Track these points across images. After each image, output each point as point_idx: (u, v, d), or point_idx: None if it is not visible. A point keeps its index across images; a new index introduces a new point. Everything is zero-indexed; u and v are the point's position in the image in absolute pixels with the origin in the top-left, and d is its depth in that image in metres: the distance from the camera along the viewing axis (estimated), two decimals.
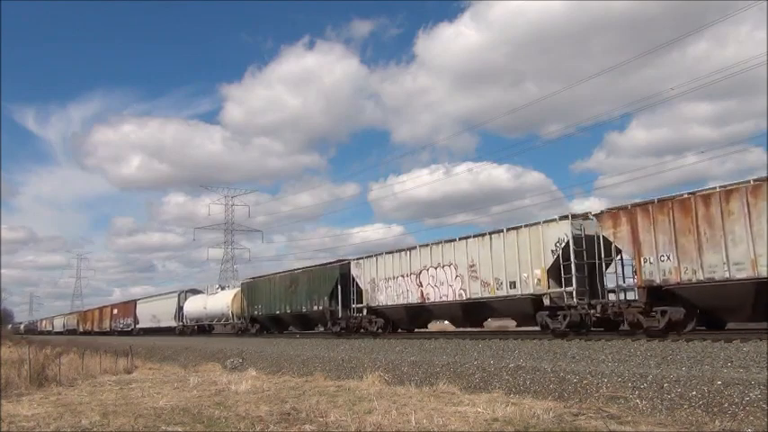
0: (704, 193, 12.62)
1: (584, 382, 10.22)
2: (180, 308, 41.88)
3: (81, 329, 69.46)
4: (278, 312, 28.92)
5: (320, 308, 25.41)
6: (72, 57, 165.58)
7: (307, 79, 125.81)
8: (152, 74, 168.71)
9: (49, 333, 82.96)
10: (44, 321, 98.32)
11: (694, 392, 8.66)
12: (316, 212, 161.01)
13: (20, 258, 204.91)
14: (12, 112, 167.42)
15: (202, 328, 40.41)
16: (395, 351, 16.55)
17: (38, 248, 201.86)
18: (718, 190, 12.39)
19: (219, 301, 36.42)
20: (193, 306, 40.03)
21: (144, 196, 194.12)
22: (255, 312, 31.36)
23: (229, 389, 12.58)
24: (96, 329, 62.49)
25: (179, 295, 42.65)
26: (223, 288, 41.86)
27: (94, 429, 8.61)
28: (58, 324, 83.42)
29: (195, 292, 42.82)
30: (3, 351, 24.92)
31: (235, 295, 34.81)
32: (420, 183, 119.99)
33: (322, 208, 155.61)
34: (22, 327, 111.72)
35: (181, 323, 41.69)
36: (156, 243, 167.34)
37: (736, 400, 8.16)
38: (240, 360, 20.53)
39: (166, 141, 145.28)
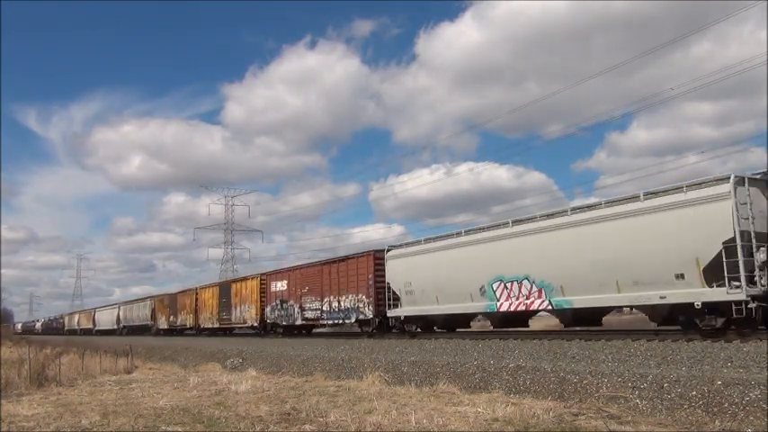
0: None
1: (584, 382, 10.21)
2: None
3: (164, 326, 39.72)
4: None
5: None
6: (74, 57, 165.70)
7: (308, 79, 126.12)
8: (153, 74, 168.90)
9: (89, 333, 56.35)
10: (77, 315, 70.15)
11: (694, 392, 8.65)
12: (316, 212, 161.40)
13: (20, 258, 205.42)
14: (13, 111, 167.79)
15: None
16: (395, 351, 16.52)
17: (38, 248, 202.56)
18: None
19: None
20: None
21: (144, 196, 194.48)
22: None
23: (229, 389, 12.58)
24: (214, 326, 31.71)
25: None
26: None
27: (94, 429, 8.61)
28: (106, 319, 54.00)
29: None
30: (3, 351, 24.92)
31: None
32: (421, 182, 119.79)
33: (322, 208, 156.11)
34: (38, 325, 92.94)
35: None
36: (156, 243, 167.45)
37: (736, 400, 8.15)
38: (240, 360, 20.51)
39: (167, 141, 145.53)
